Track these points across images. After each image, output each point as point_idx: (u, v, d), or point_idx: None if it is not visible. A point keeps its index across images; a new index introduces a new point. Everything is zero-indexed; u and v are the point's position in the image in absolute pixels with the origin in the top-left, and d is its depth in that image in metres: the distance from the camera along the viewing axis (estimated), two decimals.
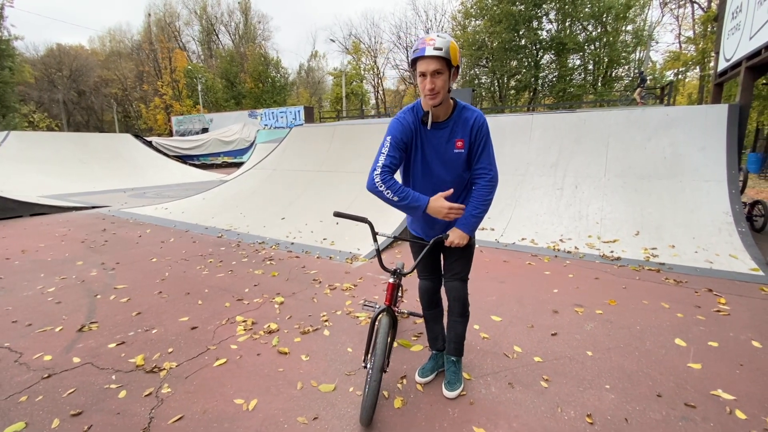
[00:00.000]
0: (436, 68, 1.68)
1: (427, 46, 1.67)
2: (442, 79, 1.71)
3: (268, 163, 9.43)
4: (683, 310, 3.21)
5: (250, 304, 3.42)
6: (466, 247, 2.02)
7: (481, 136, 1.87)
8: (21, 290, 3.80)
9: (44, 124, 38.17)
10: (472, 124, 1.85)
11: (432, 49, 1.66)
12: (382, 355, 1.84)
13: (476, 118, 1.86)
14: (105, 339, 2.82)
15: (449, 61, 1.69)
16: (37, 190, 10.42)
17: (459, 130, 1.87)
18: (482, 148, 1.88)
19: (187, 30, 46.37)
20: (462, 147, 1.88)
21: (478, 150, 1.89)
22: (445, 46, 1.66)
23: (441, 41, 1.67)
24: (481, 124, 1.87)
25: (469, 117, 1.87)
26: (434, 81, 1.71)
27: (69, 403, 2.12)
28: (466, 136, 1.87)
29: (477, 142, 1.87)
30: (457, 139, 1.88)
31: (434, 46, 1.66)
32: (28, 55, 40.81)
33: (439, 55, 1.66)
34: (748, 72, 5.57)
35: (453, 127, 1.88)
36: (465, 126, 1.86)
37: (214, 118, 28.06)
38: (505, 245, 5.18)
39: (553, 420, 1.97)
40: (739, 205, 5.08)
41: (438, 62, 1.68)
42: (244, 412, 2.04)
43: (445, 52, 1.66)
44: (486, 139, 1.89)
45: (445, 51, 1.66)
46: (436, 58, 1.67)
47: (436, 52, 1.65)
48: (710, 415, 1.99)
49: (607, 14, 25.30)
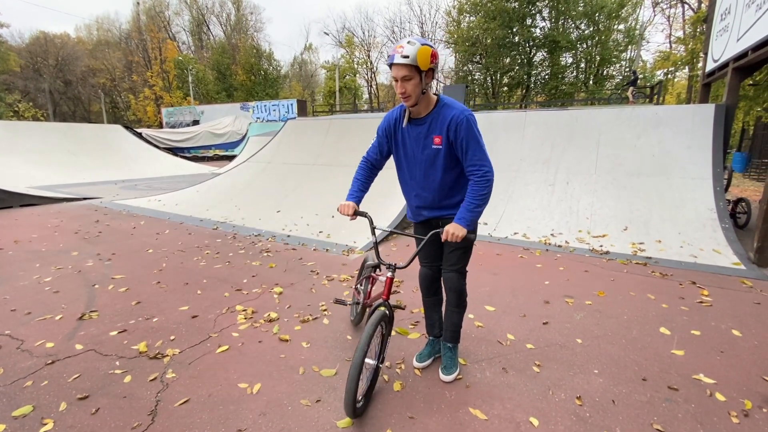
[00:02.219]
0: (405, 74, 1.80)
1: (396, 54, 1.79)
2: (411, 83, 1.82)
3: (262, 156, 9.41)
4: (668, 301, 3.35)
5: (249, 294, 3.47)
6: (463, 239, 2.10)
7: (461, 133, 1.89)
8: (17, 280, 3.80)
9: (30, 114, 37.26)
10: (449, 121, 1.90)
11: (400, 57, 1.78)
12: (363, 347, 1.80)
13: (454, 116, 1.90)
14: (106, 327, 2.85)
15: (418, 67, 1.79)
16: (26, 180, 10.25)
17: (436, 126, 1.94)
18: (466, 146, 1.91)
19: (177, 20, 45.57)
20: (440, 143, 1.95)
21: (462, 147, 1.92)
22: (412, 54, 1.76)
23: (409, 49, 1.77)
24: (459, 122, 1.88)
25: (447, 114, 1.92)
26: (404, 85, 1.83)
27: (75, 388, 2.16)
28: (443, 133, 1.92)
29: (458, 140, 1.91)
30: (434, 135, 1.95)
31: (402, 54, 1.77)
32: (13, 43, 39.74)
33: (404, 62, 1.77)
34: (735, 73, 5.73)
35: (431, 124, 1.95)
36: (442, 123, 1.92)
37: (205, 110, 27.72)
38: (498, 239, 5.30)
39: (544, 401, 2.07)
40: (723, 202, 5.25)
41: (406, 69, 1.79)
42: (248, 396, 2.11)
43: (412, 59, 1.76)
44: (468, 137, 1.90)
45: (411, 58, 1.76)
46: (404, 66, 1.79)
47: (403, 60, 1.77)
48: (692, 397, 2.11)
49: (599, 13, 25.56)
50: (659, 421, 1.92)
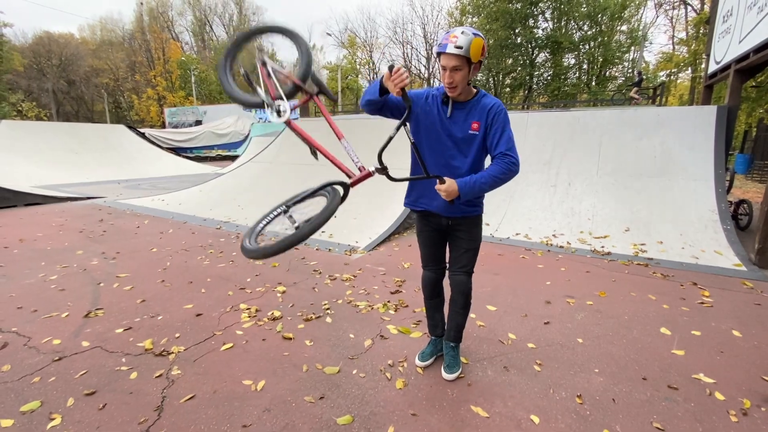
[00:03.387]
0: (456, 65, 1.79)
1: (449, 42, 1.76)
2: (460, 74, 1.82)
3: (265, 156, 9.45)
4: (669, 301, 3.37)
5: (253, 293, 3.50)
6: (472, 240, 2.12)
7: (499, 120, 1.91)
8: (23, 278, 3.84)
9: (33, 114, 37.42)
10: (490, 108, 1.93)
11: (453, 47, 1.75)
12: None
13: (495, 104, 1.94)
14: (112, 324, 2.89)
15: (469, 59, 1.78)
16: (29, 180, 10.31)
17: (476, 113, 1.94)
18: (501, 133, 1.91)
19: (180, 20, 45.77)
20: (477, 129, 1.94)
21: (497, 134, 1.91)
22: (466, 45, 1.74)
23: (463, 39, 1.75)
24: (498, 110, 1.92)
25: (487, 103, 1.94)
26: (453, 76, 1.82)
27: (82, 384, 2.19)
28: (482, 119, 1.93)
29: (494, 126, 1.92)
30: (473, 121, 1.95)
31: (455, 44, 1.75)
32: (17, 43, 39.93)
33: (457, 53, 1.75)
34: (736, 74, 5.74)
35: (471, 110, 1.95)
36: (482, 111, 1.94)
37: (207, 111, 27.82)
38: (500, 239, 5.31)
39: (545, 400, 2.09)
40: (724, 204, 5.26)
41: (457, 59, 1.78)
42: (252, 392, 2.14)
43: (465, 51, 1.75)
44: (504, 125, 1.92)
45: (465, 50, 1.75)
46: (456, 56, 1.77)
47: (456, 50, 1.75)
48: (691, 396, 2.13)
49: (602, 14, 25.53)
50: (659, 419, 1.94)
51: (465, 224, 2.08)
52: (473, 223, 2.11)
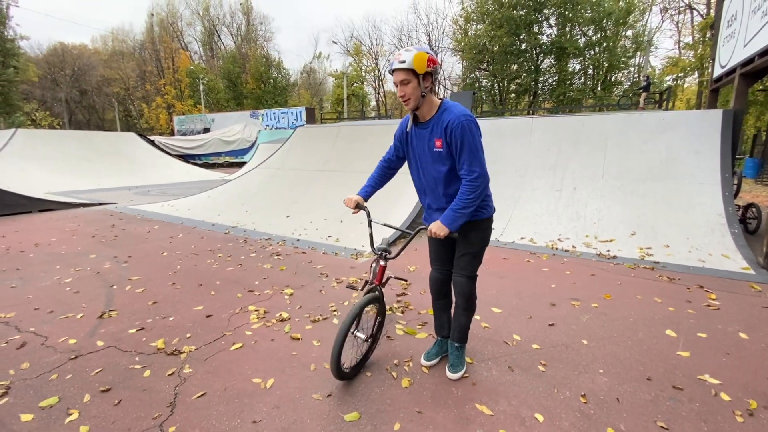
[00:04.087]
0: (402, 78, 1.93)
1: (395, 61, 1.93)
2: (410, 86, 1.94)
3: (272, 162, 9.59)
4: (675, 304, 3.37)
5: (261, 295, 3.57)
6: (468, 244, 2.17)
7: (456, 137, 1.94)
8: (39, 280, 3.95)
9: (46, 123, 38.30)
10: (446, 125, 1.97)
11: (397, 63, 1.92)
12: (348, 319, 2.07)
13: (451, 120, 1.95)
14: (125, 325, 2.97)
15: (414, 71, 1.90)
16: (44, 186, 10.56)
17: (437, 130, 2.02)
18: (460, 149, 1.96)
19: (190, 30, 46.69)
20: (441, 146, 2.02)
21: (457, 150, 1.98)
22: (408, 59, 1.89)
23: (406, 55, 1.90)
24: (455, 126, 1.93)
25: (445, 119, 1.98)
26: (403, 89, 1.95)
27: (98, 381, 2.26)
28: (442, 136, 2.00)
29: (453, 144, 1.97)
30: (436, 138, 2.03)
31: (399, 59, 1.91)
32: (32, 54, 41.00)
33: (402, 67, 1.90)
34: (742, 78, 5.75)
35: (433, 127, 2.04)
36: (442, 127, 2.00)
37: (215, 118, 28.25)
38: (505, 243, 5.34)
39: (550, 399, 2.12)
40: (732, 207, 5.24)
41: (403, 73, 1.92)
42: (262, 390, 2.19)
43: (408, 64, 1.89)
44: (462, 141, 1.94)
45: (408, 63, 1.89)
46: (401, 70, 1.92)
47: (400, 65, 1.91)
48: (696, 396, 2.14)
49: (607, 19, 25.57)
50: (663, 418, 1.96)
51: (463, 229, 2.12)
52: (470, 228, 2.14)
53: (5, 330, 2.89)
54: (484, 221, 2.16)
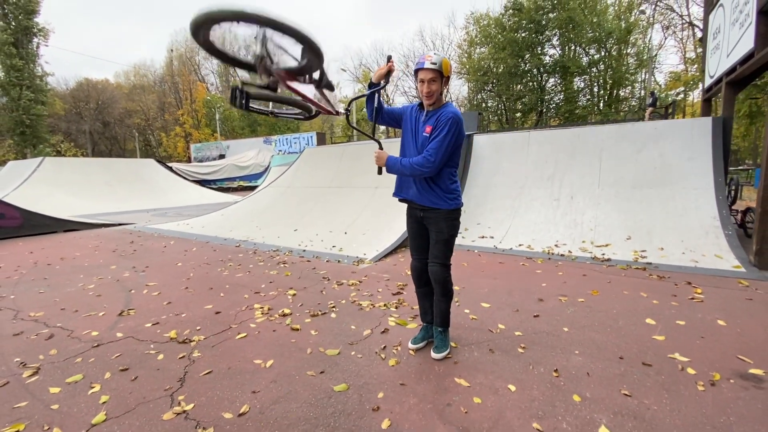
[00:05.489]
0: (431, 77, 2.24)
1: (426, 60, 2.23)
2: (435, 85, 2.26)
3: (282, 181, 10.02)
4: (659, 298, 3.50)
5: (266, 296, 3.83)
6: (439, 232, 2.41)
7: (440, 124, 2.25)
8: (65, 287, 4.29)
9: (71, 154, 40.25)
10: (439, 116, 2.29)
11: (429, 63, 2.22)
12: None
13: (444, 113, 2.29)
14: (142, 321, 3.25)
15: (441, 73, 2.23)
16: (69, 210, 11.18)
17: (432, 119, 2.33)
18: (436, 134, 2.25)
19: (206, 63, 48.99)
20: (429, 132, 2.32)
21: (433, 136, 2.27)
22: (438, 62, 2.22)
23: (437, 58, 2.22)
24: (444, 116, 2.25)
25: (441, 112, 2.31)
26: (430, 86, 2.26)
27: (117, 363, 2.53)
28: (433, 124, 2.31)
29: (435, 130, 2.27)
30: (428, 125, 2.34)
31: (431, 61, 2.22)
32: (59, 89, 43.59)
33: (434, 68, 2.21)
34: (728, 87, 5.95)
35: (430, 117, 2.35)
36: (436, 117, 2.31)
37: (230, 145, 29.33)
38: (503, 250, 5.51)
39: (524, 374, 2.29)
40: (726, 210, 5.34)
41: (433, 73, 2.23)
42: (262, 369, 2.42)
43: (439, 66, 2.22)
44: (440, 129, 2.23)
45: (438, 65, 2.22)
46: (432, 70, 2.22)
47: (432, 65, 2.22)
48: (663, 370, 2.29)
49: (608, 38, 26.10)
50: (628, 388, 2.11)
51: (433, 217, 2.38)
52: (441, 217, 2.39)
53: (35, 326, 3.20)
54: (453, 211, 2.41)
